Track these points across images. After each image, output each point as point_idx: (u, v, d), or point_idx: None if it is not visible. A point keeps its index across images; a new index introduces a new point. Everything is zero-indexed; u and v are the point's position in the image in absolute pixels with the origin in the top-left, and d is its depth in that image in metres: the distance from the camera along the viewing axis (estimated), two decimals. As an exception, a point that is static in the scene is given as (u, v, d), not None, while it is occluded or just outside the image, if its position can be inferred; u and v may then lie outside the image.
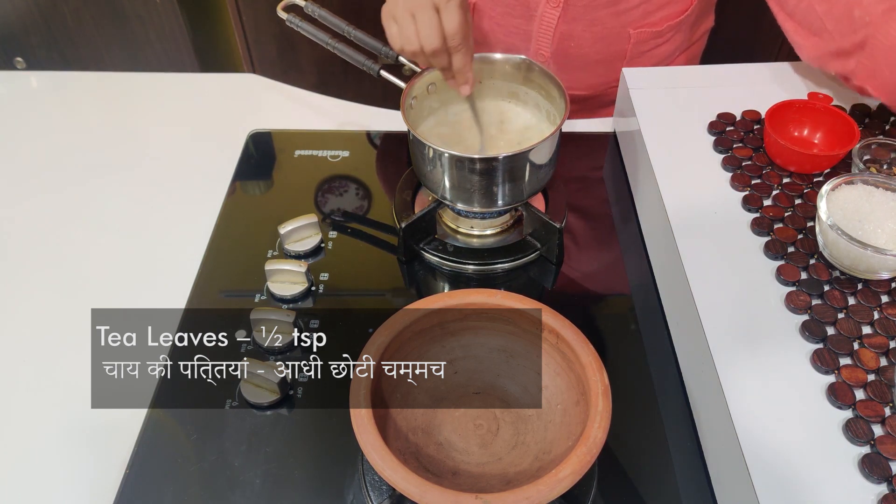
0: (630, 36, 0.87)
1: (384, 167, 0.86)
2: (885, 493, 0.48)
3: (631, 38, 0.87)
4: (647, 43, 0.89)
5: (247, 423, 0.61)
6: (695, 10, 0.90)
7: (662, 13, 0.87)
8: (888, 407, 0.52)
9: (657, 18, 0.87)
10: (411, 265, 0.75)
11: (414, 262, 0.75)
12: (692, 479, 0.58)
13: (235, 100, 0.97)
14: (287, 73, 1.72)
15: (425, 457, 0.55)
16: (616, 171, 0.85)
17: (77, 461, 0.60)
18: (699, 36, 0.96)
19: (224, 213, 0.80)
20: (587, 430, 0.49)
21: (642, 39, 0.88)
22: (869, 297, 0.59)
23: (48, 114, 0.96)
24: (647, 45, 0.89)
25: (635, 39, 0.88)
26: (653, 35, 0.88)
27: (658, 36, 0.88)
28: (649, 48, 0.90)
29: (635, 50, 0.89)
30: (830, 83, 0.80)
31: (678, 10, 0.88)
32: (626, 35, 0.87)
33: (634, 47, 0.89)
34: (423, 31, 0.66)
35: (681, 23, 0.89)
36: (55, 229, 0.79)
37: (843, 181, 0.63)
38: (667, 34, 0.89)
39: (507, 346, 0.60)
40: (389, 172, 0.85)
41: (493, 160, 0.67)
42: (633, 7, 0.85)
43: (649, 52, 0.90)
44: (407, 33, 0.67)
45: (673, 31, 0.89)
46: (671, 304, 0.68)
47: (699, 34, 0.96)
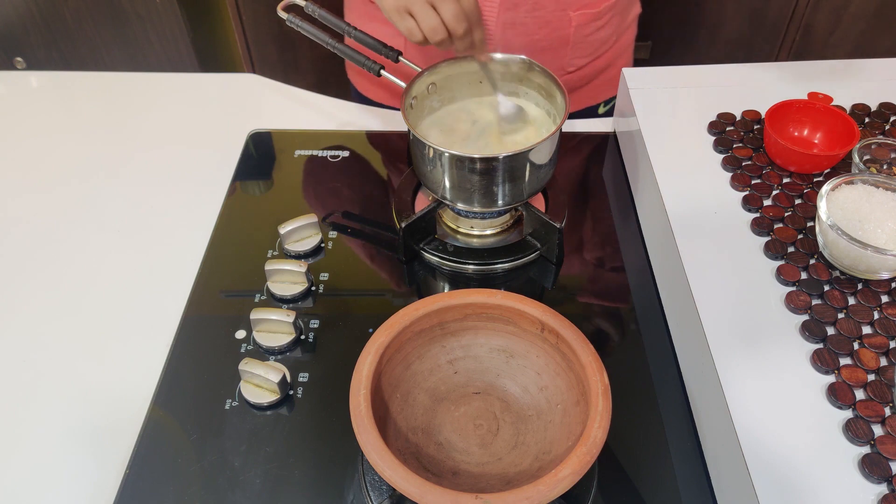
0: (571, 19, 0.89)
1: (384, 167, 0.86)
2: (885, 493, 0.48)
3: (572, 22, 0.89)
4: (587, 26, 0.91)
5: (247, 423, 0.61)
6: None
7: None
8: (888, 407, 0.52)
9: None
10: (411, 265, 0.75)
11: (414, 262, 0.75)
12: (692, 479, 0.58)
13: (235, 100, 0.97)
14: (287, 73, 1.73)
15: (425, 457, 0.55)
16: (616, 171, 0.85)
17: (77, 461, 0.60)
18: (630, 22, 0.99)
19: (224, 213, 0.80)
20: (587, 430, 0.49)
21: (583, 22, 0.90)
22: (869, 297, 0.59)
23: (48, 114, 0.96)
24: (588, 28, 0.91)
25: (576, 22, 0.89)
26: (592, 17, 0.90)
27: (597, 18, 0.91)
28: (590, 32, 0.92)
29: (577, 34, 0.91)
30: (830, 83, 0.80)
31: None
32: (567, 18, 0.88)
33: (576, 31, 0.90)
34: (448, 17, 0.69)
35: (616, 3, 0.91)
36: (55, 229, 0.79)
37: (843, 181, 0.63)
38: (605, 16, 0.92)
39: (507, 346, 0.60)
40: (389, 172, 0.85)
41: (493, 160, 0.67)
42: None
43: (590, 37, 0.92)
44: (431, 23, 0.69)
45: (610, 12, 0.92)
46: (671, 304, 0.68)
47: (630, 20, 0.99)
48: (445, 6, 0.69)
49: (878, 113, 0.77)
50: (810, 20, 1.56)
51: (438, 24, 0.69)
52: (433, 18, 0.69)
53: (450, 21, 0.69)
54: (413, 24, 0.71)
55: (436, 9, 0.69)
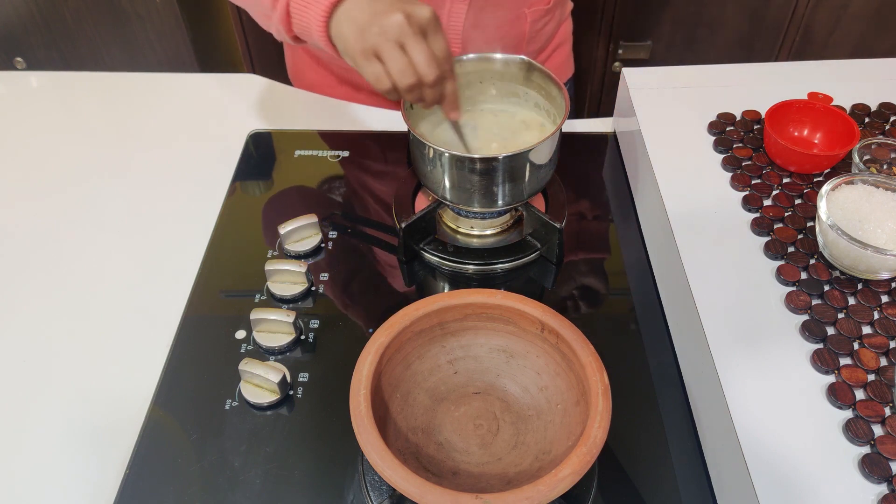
0: (526, 16, 0.90)
1: (384, 167, 0.86)
2: (885, 493, 0.48)
3: (527, 18, 0.90)
4: (538, 22, 0.93)
5: (247, 423, 0.61)
6: None
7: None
8: (888, 407, 0.52)
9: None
10: (411, 265, 0.75)
11: (414, 262, 0.75)
12: (692, 479, 0.58)
13: (235, 100, 0.97)
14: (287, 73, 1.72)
15: (425, 457, 0.55)
16: (616, 171, 0.85)
17: (77, 461, 0.60)
18: (567, 14, 1.03)
19: (224, 213, 0.80)
20: (587, 430, 0.49)
21: (535, 18, 0.92)
22: (869, 297, 0.59)
23: (48, 114, 0.96)
24: (539, 23, 0.93)
25: (531, 18, 0.91)
26: (543, 13, 0.92)
27: (547, 14, 0.93)
28: (540, 27, 0.94)
29: (532, 29, 0.92)
30: (830, 83, 0.80)
31: None
32: (523, 16, 0.90)
33: (531, 26, 0.92)
34: (419, 60, 0.61)
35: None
36: (55, 229, 0.79)
37: (843, 181, 0.63)
38: (554, 10, 0.94)
39: (507, 346, 0.60)
40: (389, 172, 0.85)
41: (493, 160, 0.67)
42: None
43: (540, 32, 0.95)
44: (399, 66, 0.61)
45: (557, 6, 0.94)
46: (671, 304, 0.68)
47: (567, 12, 1.02)
48: (416, 49, 0.60)
49: (878, 113, 0.77)
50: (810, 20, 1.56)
51: (408, 65, 0.61)
52: (401, 60, 0.61)
53: (420, 64, 0.61)
54: (380, 70, 0.62)
55: (406, 52, 0.61)
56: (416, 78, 0.62)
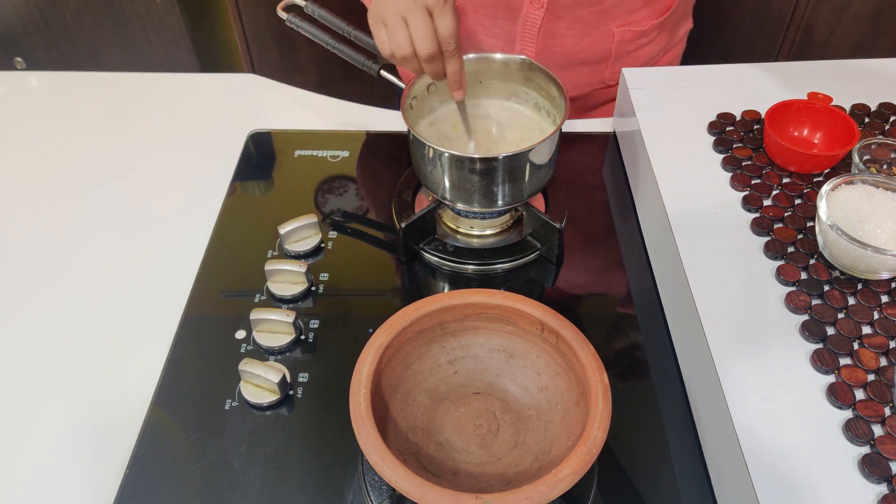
0: (614, 34, 0.87)
1: (384, 167, 0.86)
2: (885, 493, 0.48)
3: (615, 37, 0.88)
4: (631, 43, 0.89)
5: (247, 423, 0.61)
6: (676, 10, 0.90)
7: (645, 11, 0.87)
8: (888, 407, 0.52)
9: (640, 17, 0.87)
10: (411, 265, 0.75)
11: (414, 263, 0.75)
12: (692, 479, 0.58)
13: (235, 100, 0.97)
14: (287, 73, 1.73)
15: (425, 457, 0.55)
16: (616, 171, 0.85)
17: (77, 461, 0.60)
18: (680, 38, 0.97)
19: (224, 213, 0.80)
20: (587, 430, 0.49)
21: (626, 39, 0.88)
22: (869, 297, 0.59)
23: (48, 114, 0.96)
24: (632, 45, 0.89)
25: (619, 38, 0.88)
26: (637, 35, 0.88)
27: (642, 35, 0.89)
28: (633, 48, 0.90)
29: (620, 50, 0.89)
30: (830, 83, 0.80)
31: (661, 9, 0.89)
32: (610, 34, 0.87)
33: (619, 47, 0.89)
34: (416, 35, 0.65)
35: (664, 22, 0.89)
36: (54, 228, 0.79)
37: (843, 181, 0.63)
38: (651, 34, 0.90)
39: (507, 346, 0.60)
40: (389, 172, 0.85)
41: (493, 160, 0.67)
42: (615, 5, 0.85)
43: (634, 53, 0.91)
44: (397, 38, 0.66)
45: (657, 30, 0.90)
46: (671, 304, 0.68)
47: (680, 36, 0.97)
48: (416, 22, 0.65)
49: (878, 113, 0.77)
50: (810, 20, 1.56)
51: (405, 39, 0.66)
52: (401, 32, 0.66)
53: (417, 38, 0.65)
54: (384, 37, 0.67)
55: (407, 26, 0.66)
56: (410, 50, 0.66)
